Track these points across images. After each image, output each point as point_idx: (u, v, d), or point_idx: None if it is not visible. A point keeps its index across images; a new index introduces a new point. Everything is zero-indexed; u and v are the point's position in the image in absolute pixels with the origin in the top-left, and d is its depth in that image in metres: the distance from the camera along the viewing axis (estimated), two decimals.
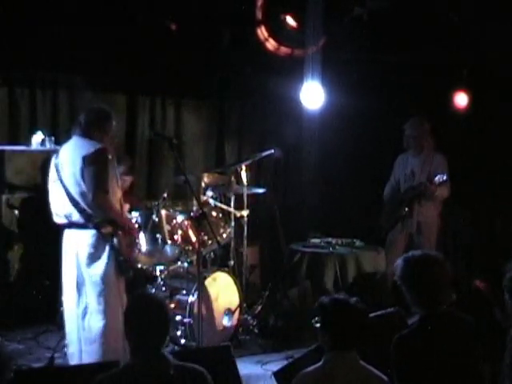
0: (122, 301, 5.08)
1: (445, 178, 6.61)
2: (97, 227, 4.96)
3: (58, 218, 5.12)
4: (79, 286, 5.05)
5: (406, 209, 6.91)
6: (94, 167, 4.90)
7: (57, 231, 5.21)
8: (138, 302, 3.44)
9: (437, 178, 6.64)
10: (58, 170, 5.07)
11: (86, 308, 5.04)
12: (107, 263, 5.00)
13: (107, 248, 4.99)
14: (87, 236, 4.99)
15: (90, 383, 3.20)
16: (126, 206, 5.53)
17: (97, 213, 4.95)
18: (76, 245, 5.04)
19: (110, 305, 5.02)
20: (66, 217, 5.05)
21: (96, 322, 5.01)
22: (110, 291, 5.03)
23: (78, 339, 5.09)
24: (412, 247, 6.63)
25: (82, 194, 4.94)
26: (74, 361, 5.09)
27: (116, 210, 5.03)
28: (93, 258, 5.00)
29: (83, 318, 5.04)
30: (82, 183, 4.93)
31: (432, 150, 6.99)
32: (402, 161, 7.14)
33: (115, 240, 5.00)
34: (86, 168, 4.91)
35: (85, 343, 5.04)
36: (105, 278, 5.00)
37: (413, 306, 3.63)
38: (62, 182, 5.02)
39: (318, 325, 3.39)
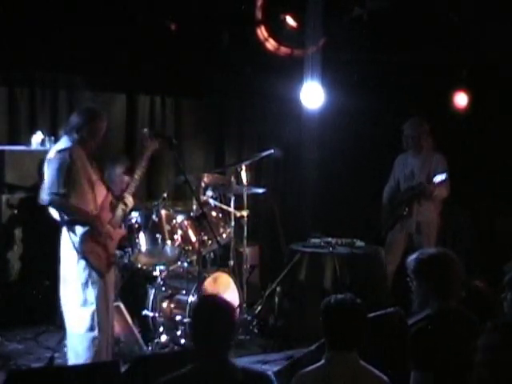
0: (96, 298, 5.09)
1: (444, 178, 6.60)
2: (67, 225, 5.03)
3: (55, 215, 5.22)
4: (63, 281, 5.14)
5: (406, 209, 6.91)
6: (51, 169, 4.99)
7: (56, 231, 5.22)
8: (207, 304, 3.35)
9: (436, 178, 6.64)
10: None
11: (67, 302, 5.12)
12: (78, 260, 5.04)
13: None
14: (65, 233, 5.08)
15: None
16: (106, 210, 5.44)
17: (54, 212, 5.04)
18: (61, 241, 5.15)
19: (86, 302, 5.06)
20: (52, 214, 5.15)
21: (70, 317, 5.10)
22: (83, 288, 5.05)
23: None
24: (412, 247, 6.63)
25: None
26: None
27: (74, 211, 5.04)
28: (68, 253, 5.07)
29: (65, 311, 5.14)
30: None
31: (431, 149, 6.99)
32: (401, 161, 7.14)
33: (76, 239, 5.03)
34: (47, 169, 5.03)
35: (68, 336, 5.15)
36: (78, 275, 5.05)
37: (424, 300, 3.67)
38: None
39: None
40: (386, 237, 7.11)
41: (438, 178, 6.62)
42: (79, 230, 5.03)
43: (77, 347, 5.08)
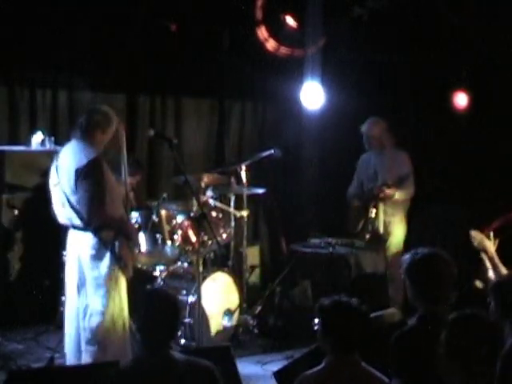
0: (122, 302, 5.08)
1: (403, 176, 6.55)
2: (95, 232, 4.95)
3: (61, 219, 5.12)
4: (80, 287, 5.03)
5: (374, 210, 6.79)
6: (88, 182, 4.85)
7: (57, 231, 5.20)
8: (150, 296, 3.50)
9: (393, 181, 6.60)
10: (57, 173, 5.07)
11: (86, 308, 5.01)
12: (108, 265, 4.98)
13: (108, 252, 4.99)
14: (89, 238, 4.97)
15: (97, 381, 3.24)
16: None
17: (97, 226, 4.93)
18: (79, 246, 5.03)
19: (110, 306, 5.00)
20: (68, 219, 5.05)
21: (96, 323, 4.98)
22: (111, 293, 5.01)
23: (76, 340, 5.07)
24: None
25: (79, 202, 4.92)
26: (71, 361, 5.07)
27: (116, 219, 4.98)
28: (94, 259, 4.97)
29: (83, 318, 5.02)
30: (77, 193, 4.92)
31: (393, 147, 6.90)
32: (364, 161, 7.03)
33: (116, 245, 4.97)
34: (79, 182, 4.86)
35: (85, 344, 5.01)
36: (106, 280, 4.98)
37: (413, 301, 3.65)
38: (61, 186, 5.02)
39: (317, 327, 3.39)
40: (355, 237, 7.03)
41: (395, 180, 6.58)
42: (119, 235, 4.99)
43: (99, 351, 4.94)
